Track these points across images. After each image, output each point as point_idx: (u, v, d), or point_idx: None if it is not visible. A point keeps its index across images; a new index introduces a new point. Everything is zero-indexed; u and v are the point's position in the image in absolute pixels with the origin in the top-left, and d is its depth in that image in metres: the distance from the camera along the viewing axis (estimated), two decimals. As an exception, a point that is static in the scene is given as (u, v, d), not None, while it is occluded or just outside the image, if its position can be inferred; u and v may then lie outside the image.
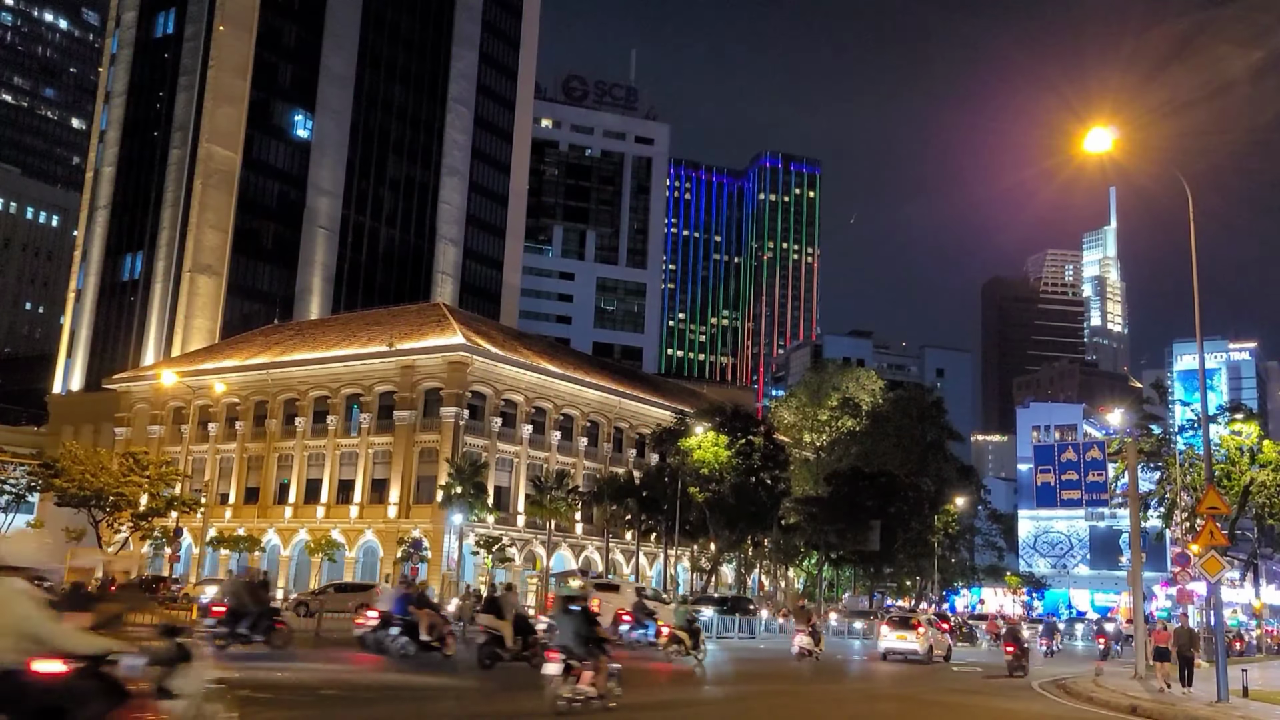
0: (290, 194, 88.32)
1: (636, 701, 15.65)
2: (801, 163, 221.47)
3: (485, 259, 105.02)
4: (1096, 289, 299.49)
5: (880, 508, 63.91)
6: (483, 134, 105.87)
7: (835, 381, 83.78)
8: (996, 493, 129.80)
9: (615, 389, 72.03)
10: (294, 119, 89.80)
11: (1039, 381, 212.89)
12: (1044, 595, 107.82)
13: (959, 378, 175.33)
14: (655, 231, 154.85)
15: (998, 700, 21.86)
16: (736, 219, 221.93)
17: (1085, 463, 27.18)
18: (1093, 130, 22.71)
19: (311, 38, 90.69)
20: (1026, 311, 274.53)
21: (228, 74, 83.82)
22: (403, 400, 61.53)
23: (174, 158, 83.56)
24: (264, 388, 66.71)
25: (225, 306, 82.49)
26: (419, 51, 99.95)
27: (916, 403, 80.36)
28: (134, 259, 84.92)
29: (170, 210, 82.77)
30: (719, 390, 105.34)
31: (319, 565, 60.68)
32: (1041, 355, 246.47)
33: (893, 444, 75.87)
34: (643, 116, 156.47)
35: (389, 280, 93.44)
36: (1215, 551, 21.07)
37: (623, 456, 70.63)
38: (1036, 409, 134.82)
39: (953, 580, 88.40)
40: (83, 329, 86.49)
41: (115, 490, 49.81)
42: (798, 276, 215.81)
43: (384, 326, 66.25)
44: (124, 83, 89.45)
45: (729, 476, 57.04)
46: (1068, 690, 24.33)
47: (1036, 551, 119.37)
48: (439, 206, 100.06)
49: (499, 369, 62.83)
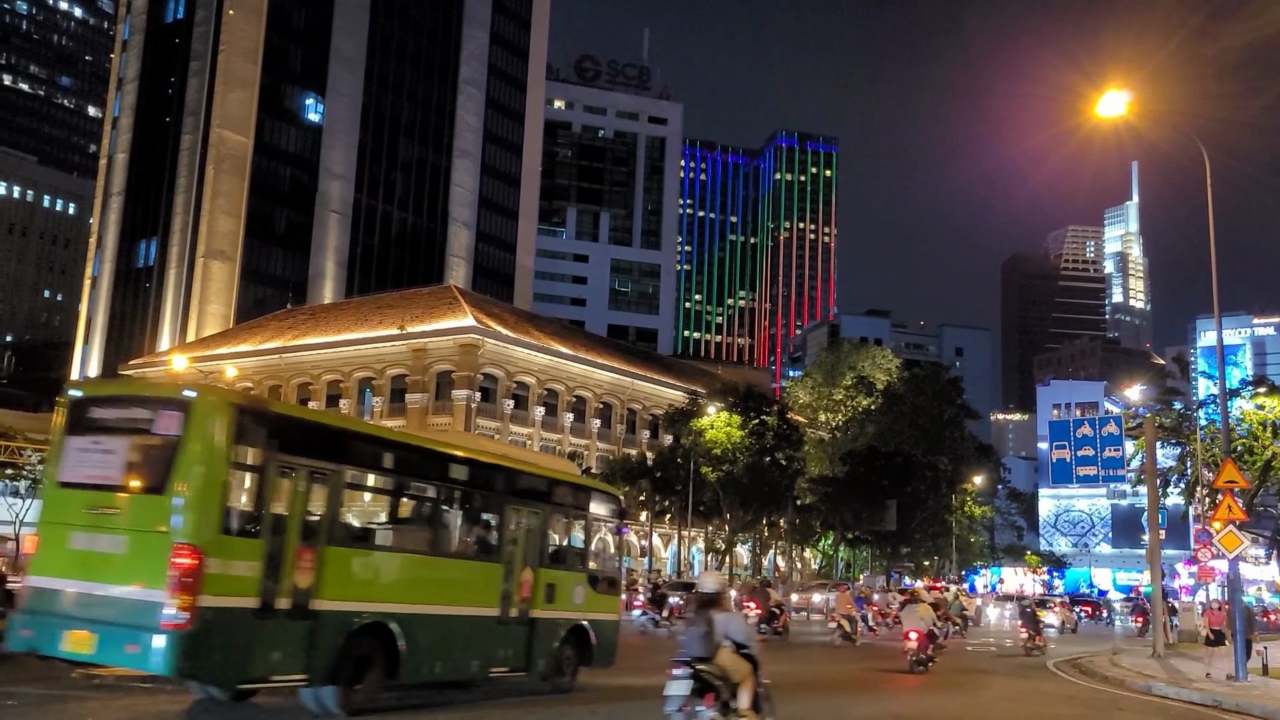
0: (302, 178, 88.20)
1: None
2: (818, 141, 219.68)
3: (498, 241, 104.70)
4: (1118, 265, 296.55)
5: (897, 487, 63.39)
6: (495, 116, 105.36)
7: (851, 361, 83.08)
8: (1017, 472, 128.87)
9: (628, 370, 71.69)
10: (305, 103, 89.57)
11: (1060, 359, 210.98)
12: (1065, 574, 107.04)
13: (978, 356, 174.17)
14: (670, 212, 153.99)
15: (1010, 679, 21.39)
16: (752, 199, 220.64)
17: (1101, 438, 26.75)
18: (1107, 94, 22.01)
19: (321, 20, 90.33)
20: (1047, 289, 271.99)
21: (238, 58, 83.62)
22: (415, 383, 61.42)
23: (186, 143, 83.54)
24: (278, 372, 66.76)
25: (239, 291, 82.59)
26: (429, 33, 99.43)
27: (933, 381, 79.58)
28: (148, 245, 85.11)
29: (183, 196, 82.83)
30: (734, 371, 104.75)
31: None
32: (1062, 333, 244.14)
33: (909, 423, 75.19)
34: (656, 96, 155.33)
35: (401, 264, 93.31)
36: (1234, 527, 20.47)
37: (636, 438, 70.37)
38: (1057, 387, 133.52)
39: (972, 560, 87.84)
40: (99, 315, 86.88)
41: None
42: (814, 256, 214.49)
43: (396, 310, 66.14)
44: (136, 69, 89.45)
45: (742, 457, 56.61)
46: (1082, 669, 23.86)
47: (1057, 530, 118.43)
48: (451, 189, 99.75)
49: (511, 351, 62.58)
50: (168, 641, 9.47)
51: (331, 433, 12.30)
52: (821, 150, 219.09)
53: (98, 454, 10.66)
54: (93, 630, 9.86)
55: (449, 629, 12.75)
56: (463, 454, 13.72)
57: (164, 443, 10.21)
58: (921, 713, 15.09)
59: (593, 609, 15.33)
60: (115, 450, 10.62)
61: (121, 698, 12.32)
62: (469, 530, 13.92)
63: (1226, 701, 16.98)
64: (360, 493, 13.02)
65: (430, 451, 13.33)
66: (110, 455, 10.58)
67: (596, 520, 16.12)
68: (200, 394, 10.43)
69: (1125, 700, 18.07)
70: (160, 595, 9.52)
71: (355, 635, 11.17)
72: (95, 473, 10.50)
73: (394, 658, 11.63)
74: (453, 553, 13.43)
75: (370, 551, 12.02)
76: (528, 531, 14.29)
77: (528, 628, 14.03)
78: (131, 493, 10.27)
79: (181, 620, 9.47)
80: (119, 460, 10.54)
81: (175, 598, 9.47)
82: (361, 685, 11.28)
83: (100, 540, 10.18)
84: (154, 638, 9.49)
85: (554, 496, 14.93)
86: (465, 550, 13.70)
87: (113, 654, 9.96)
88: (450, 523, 13.66)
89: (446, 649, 12.72)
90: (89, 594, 10.01)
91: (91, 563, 10.13)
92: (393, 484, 12.97)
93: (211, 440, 10.01)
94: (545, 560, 14.51)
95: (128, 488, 10.30)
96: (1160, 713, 16.44)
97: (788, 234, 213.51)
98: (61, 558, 10.40)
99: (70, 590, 10.16)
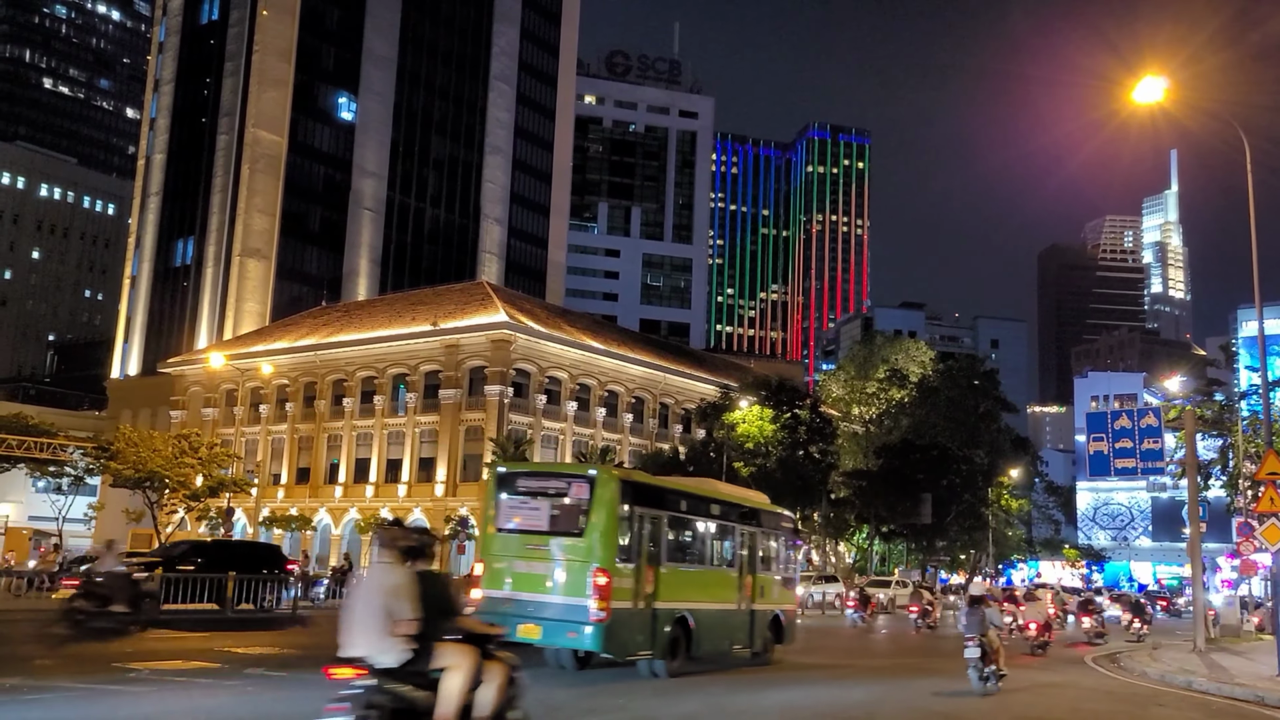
0: (335, 176, 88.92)
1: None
2: (850, 133, 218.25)
3: (530, 237, 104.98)
4: (1157, 255, 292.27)
5: (932, 480, 62.85)
6: (526, 111, 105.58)
7: (884, 353, 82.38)
8: (1054, 465, 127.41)
9: (660, 364, 71.64)
10: (338, 101, 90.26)
11: (1098, 351, 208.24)
12: (1104, 568, 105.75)
13: (1014, 348, 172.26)
14: (701, 206, 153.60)
15: (1045, 674, 21.17)
16: (784, 192, 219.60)
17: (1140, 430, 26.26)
18: (1143, 80, 21.69)
19: (353, 19, 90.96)
20: (1085, 279, 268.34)
21: (272, 58, 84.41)
22: (448, 379, 61.74)
23: (222, 143, 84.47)
24: (313, 369, 67.38)
25: (274, 289, 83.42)
26: (460, 30, 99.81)
27: (968, 373, 78.70)
28: (185, 244, 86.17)
29: (219, 195, 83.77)
30: (767, 365, 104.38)
31: (369, 544, 61.24)
32: (1100, 324, 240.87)
33: (944, 416, 74.46)
34: (687, 90, 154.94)
35: (434, 260, 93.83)
36: (1276, 519, 20.11)
37: (668, 432, 70.34)
38: (1095, 378, 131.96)
39: (1009, 554, 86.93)
40: (138, 314, 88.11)
41: (168, 472, 50.56)
42: (847, 249, 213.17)
43: (429, 306, 66.50)
44: (172, 70, 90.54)
45: (775, 451, 56.38)
46: (1120, 665, 23.56)
47: (1096, 524, 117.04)
48: (483, 185, 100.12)
49: (543, 346, 62.73)
50: (594, 631, 14.85)
51: (660, 489, 17.98)
52: (854, 142, 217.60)
53: (526, 510, 16.06)
54: (538, 624, 15.04)
55: (715, 618, 18.19)
56: (719, 495, 19.91)
57: (577, 503, 15.60)
58: (955, 710, 14.97)
59: (782, 602, 21.14)
60: (540, 508, 15.98)
61: (173, 691, 12.51)
62: (720, 548, 19.44)
63: (1270, 697, 16.66)
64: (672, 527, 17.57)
65: (702, 495, 19.09)
66: (537, 511, 15.97)
67: (781, 534, 21.57)
68: (599, 472, 15.93)
69: (1165, 696, 17.82)
70: (586, 601, 14.85)
71: (673, 624, 16.43)
72: (527, 523, 15.88)
73: (690, 640, 16.94)
74: (715, 565, 19.05)
75: (677, 567, 17.18)
76: (748, 546, 19.88)
77: (750, 617, 19.52)
78: (557, 536, 15.57)
79: (601, 616, 14.82)
80: (544, 515, 15.89)
81: (597, 603, 14.85)
82: (675, 659, 16.56)
83: (535, 566, 15.55)
84: (586, 628, 14.85)
85: (759, 520, 20.56)
86: (720, 563, 19.28)
87: (555, 639, 15.36)
88: (713, 543, 19.25)
89: (715, 633, 18.06)
90: (533, 601, 15.25)
91: (531, 580, 15.37)
92: (686, 520, 18.10)
93: (608, 502, 15.37)
94: (757, 567, 20.02)
95: (554, 532, 15.60)
96: (1200, 708, 16.18)
97: (820, 227, 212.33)
98: (506, 578, 15.60)
99: (518, 598, 15.28)
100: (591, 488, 15.42)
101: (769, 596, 20.33)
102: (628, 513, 15.70)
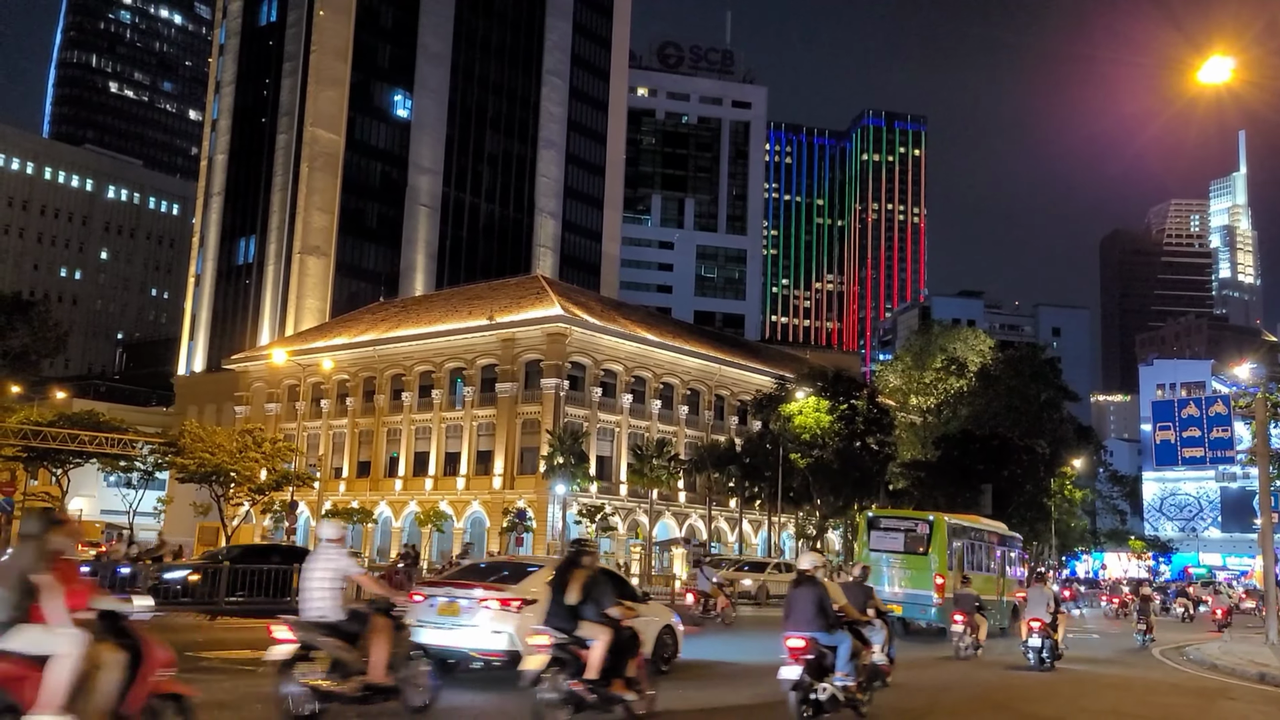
0: (392, 173, 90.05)
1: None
2: (906, 120, 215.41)
3: (584, 230, 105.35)
4: (1225, 239, 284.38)
5: (992, 471, 61.84)
6: (578, 105, 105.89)
7: (942, 342, 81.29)
8: (1119, 454, 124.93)
9: (715, 356, 71.49)
10: (393, 99, 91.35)
11: (1164, 338, 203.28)
12: (1171, 560, 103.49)
13: (1076, 336, 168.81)
14: (755, 197, 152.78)
15: (1115, 669, 20.80)
16: (839, 181, 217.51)
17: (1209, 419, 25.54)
18: (1210, 60, 21.08)
19: (408, 18, 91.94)
20: (1149, 265, 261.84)
21: (329, 58, 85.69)
22: (504, 373, 62.26)
23: (281, 142, 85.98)
24: (372, 364, 68.39)
25: (334, 285, 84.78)
26: (513, 25, 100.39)
27: (1029, 362, 77.39)
28: (247, 243, 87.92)
29: (279, 194, 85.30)
30: (823, 355, 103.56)
31: (429, 536, 62.10)
32: (1166, 310, 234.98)
33: (1004, 405, 73.32)
34: (739, 80, 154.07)
35: (490, 255, 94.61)
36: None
37: (724, 424, 70.18)
38: (1160, 366, 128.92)
39: (1073, 545, 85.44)
40: (203, 312, 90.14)
41: (232, 466, 51.69)
42: (904, 237, 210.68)
43: (485, 300, 67.07)
44: (232, 72, 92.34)
45: (832, 442, 55.98)
46: (1190, 657, 23.08)
47: (1163, 514, 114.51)
48: (537, 180, 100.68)
49: (598, 339, 62.95)
50: (936, 609, 24.65)
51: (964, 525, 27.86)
52: (910, 129, 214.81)
53: (889, 537, 26.32)
54: (902, 605, 24.62)
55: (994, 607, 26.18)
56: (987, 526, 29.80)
57: (922, 533, 25.98)
58: (1011, 697, 14.79)
59: (1008, 594, 29.13)
60: (899, 537, 26.20)
61: (222, 680, 12.81)
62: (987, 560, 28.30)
63: (1346, 692, 16.22)
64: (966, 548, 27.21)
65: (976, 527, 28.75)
66: (898, 537, 26.19)
67: (1011, 549, 30.86)
68: (936, 517, 26.60)
69: (1235, 689, 17.43)
70: (930, 595, 25.08)
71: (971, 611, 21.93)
72: (891, 546, 26.09)
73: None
74: (989, 571, 28.08)
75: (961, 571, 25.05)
76: (999, 558, 28.98)
77: (1004, 604, 28.36)
78: (912, 554, 25.77)
79: (939, 601, 24.60)
80: (902, 541, 26.10)
81: (937, 595, 24.82)
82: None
83: (897, 573, 25.79)
84: (931, 609, 24.95)
85: (1003, 540, 29.91)
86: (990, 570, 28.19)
87: (913, 614, 25.24)
88: (986, 556, 28.27)
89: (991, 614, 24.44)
90: (904, 592, 25.29)
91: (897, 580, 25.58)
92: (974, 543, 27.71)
93: (942, 533, 25.75)
94: (1004, 571, 29.27)
95: (913, 552, 25.78)
96: (1272, 702, 15.80)
97: (875, 215, 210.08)
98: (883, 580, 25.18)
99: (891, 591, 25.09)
100: (932, 525, 25.97)
101: (1005, 592, 28.97)
102: (949, 540, 25.91)
